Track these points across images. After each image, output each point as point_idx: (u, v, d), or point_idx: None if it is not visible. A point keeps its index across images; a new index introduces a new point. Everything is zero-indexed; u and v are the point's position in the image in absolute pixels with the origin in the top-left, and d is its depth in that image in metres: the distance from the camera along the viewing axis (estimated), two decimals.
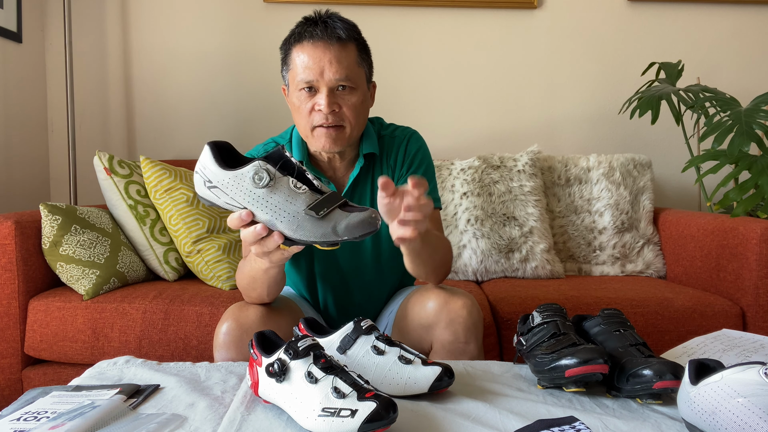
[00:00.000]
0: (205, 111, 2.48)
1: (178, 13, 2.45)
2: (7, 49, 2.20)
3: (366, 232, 0.83)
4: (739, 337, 1.09)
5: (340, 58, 1.15)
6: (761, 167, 1.77)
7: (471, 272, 2.04)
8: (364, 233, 0.83)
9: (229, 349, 1.11)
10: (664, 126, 2.40)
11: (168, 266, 1.87)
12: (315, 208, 0.83)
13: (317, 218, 0.83)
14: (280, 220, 0.85)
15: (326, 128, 1.17)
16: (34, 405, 0.88)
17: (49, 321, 1.62)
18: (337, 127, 1.17)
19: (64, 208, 1.74)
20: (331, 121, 1.16)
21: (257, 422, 0.81)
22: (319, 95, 1.15)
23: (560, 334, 0.95)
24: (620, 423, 0.81)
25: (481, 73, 2.51)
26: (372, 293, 1.34)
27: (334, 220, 0.83)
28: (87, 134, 2.45)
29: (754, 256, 1.65)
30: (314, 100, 1.16)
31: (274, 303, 1.19)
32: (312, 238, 0.84)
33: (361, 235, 0.83)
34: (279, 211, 0.84)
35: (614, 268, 2.13)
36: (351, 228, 0.82)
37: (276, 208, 0.84)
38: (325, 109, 1.14)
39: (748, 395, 0.69)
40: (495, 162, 2.16)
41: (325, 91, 1.15)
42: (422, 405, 0.86)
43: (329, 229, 0.83)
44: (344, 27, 1.16)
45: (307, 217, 0.83)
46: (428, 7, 2.47)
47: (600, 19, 2.50)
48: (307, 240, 0.84)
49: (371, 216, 0.83)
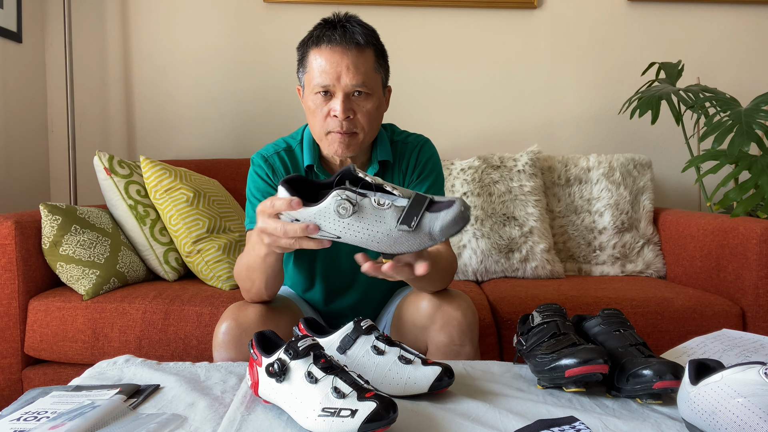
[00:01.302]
0: (205, 111, 2.48)
1: (178, 14, 2.45)
2: (7, 49, 2.20)
3: (461, 227, 0.82)
4: (739, 337, 1.09)
5: (357, 63, 1.13)
6: (761, 167, 1.77)
7: (471, 272, 2.04)
8: (459, 229, 0.82)
9: (228, 349, 1.11)
10: (664, 126, 2.40)
11: (168, 266, 1.87)
12: (405, 221, 0.82)
13: (411, 231, 0.82)
14: (376, 242, 0.83)
15: (340, 134, 1.16)
16: (34, 405, 0.88)
17: (49, 321, 1.62)
18: (350, 133, 1.17)
19: (64, 208, 1.74)
20: (346, 128, 1.15)
21: (257, 422, 0.81)
22: (335, 100, 1.14)
23: (560, 334, 0.95)
24: (620, 423, 0.81)
25: (481, 73, 2.51)
26: (371, 292, 1.34)
27: (428, 226, 0.82)
28: (87, 134, 2.45)
29: (754, 256, 1.65)
30: (329, 105, 1.15)
31: (273, 303, 1.19)
32: (412, 249, 0.84)
33: (456, 232, 0.82)
34: (372, 234, 0.83)
35: (614, 268, 2.13)
36: (446, 228, 0.82)
37: (368, 232, 0.83)
38: (340, 116, 1.14)
39: (748, 395, 0.69)
40: (495, 162, 2.16)
41: (340, 96, 1.14)
42: (422, 405, 0.86)
43: (425, 237, 0.82)
44: (363, 32, 1.15)
45: (401, 233, 0.82)
46: (428, 7, 2.47)
47: (600, 19, 2.50)
48: (408, 251, 0.84)
49: (461, 210, 0.82)
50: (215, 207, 1.94)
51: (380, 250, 0.85)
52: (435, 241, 0.82)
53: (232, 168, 2.25)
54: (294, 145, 1.28)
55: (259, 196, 1.24)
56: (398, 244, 0.83)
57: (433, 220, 0.82)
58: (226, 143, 2.48)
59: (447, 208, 0.82)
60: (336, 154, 1.19)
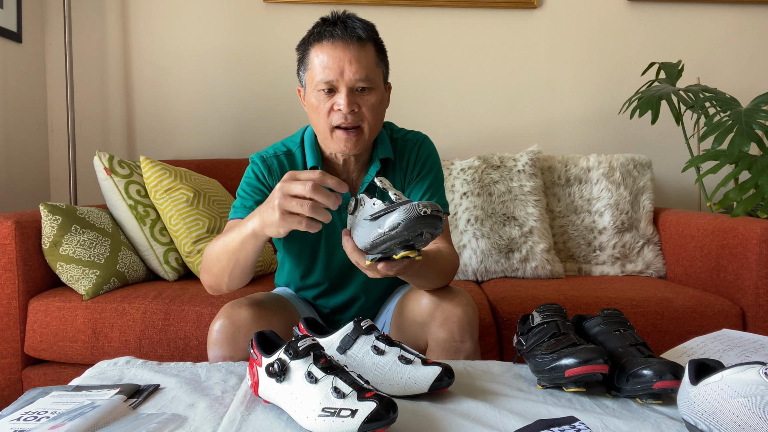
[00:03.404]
0: (205, 111, 2.48)
1: (178, 13, 2.45)
2: (7, 49, 2.20)
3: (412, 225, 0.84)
4: (739, 337, 1.09)
5: (359, 57, 1.14)
6: (761, 167, 1.77)
7: (471, 272, 2.04)
8: (410, 226, 0.84)
9: (222, 347, 1.12)
10: (664, 126, 2.40)
11: (168, 266, 1.87)
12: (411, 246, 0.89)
13: (371, 220, 0.90)
14: (355, 234, 0.95)
15: (346, 131, 1.17)
16: (34, 405, 0.88)
17: (49, 321, 1.62)
18: (356, 129, 1.17)
19: (64, 208, 1.74)
20: (351, 121, 1.15)
21: (257, 422, 0.81)
22: (339, 95, 1.15)
23: (560, 334, 0.95)
24: (620, 423, 0.81)
25: (481, 73, 2.51)
26: (370, 290, 1.34)
27: (385, 220, 0.87)
28: (87, 134, 2.45)
29: (754, 256, 1.65)
30: (333, 100, 1.15)
31: (268, 301, 1.19)
32: (367, 239, 0.91)
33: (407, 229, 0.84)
34: (353, 226, 0.95)
35: (614, 268, 2.13)
36: (395, 225, 0.85)
37: (354, 225, 0.95)
38: (345, 109, 1.14)
39: (748, 395, 0.69)
40: (495, 162, 2.16)
41: (344, 90, 1.14)
42: (422, 405, 0.86)
43: (377, 228, 0.88)
44: (363, 27, 1.16)
45: (363, 222, 0.92)
46: (428, 7, 2.47)
47: (600, 19, 2.50)
48: (365, 241, 0.92)
49: (412, 214, 0.84)
50: (215, 207, 1.95)
51: (357, 242, 0.93)
52: (385, 235, 0.86)
53: (232, 168, 2.25)
54: (294, 149, 1.28)
55: (249, 191, 1.24)
56: (355, 232, 0.94)
57: (389, 216, 0.86)
58: (226, 143, 2.48)
59: (404, 205, 0.86)
60: (342, 151, 1.19)
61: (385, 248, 0.89)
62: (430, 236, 0.88)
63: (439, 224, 0.86)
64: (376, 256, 0.92)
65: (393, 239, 0.86)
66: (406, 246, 0.88)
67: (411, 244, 0.88)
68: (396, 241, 0.86)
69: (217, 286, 1.16)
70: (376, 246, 0.89)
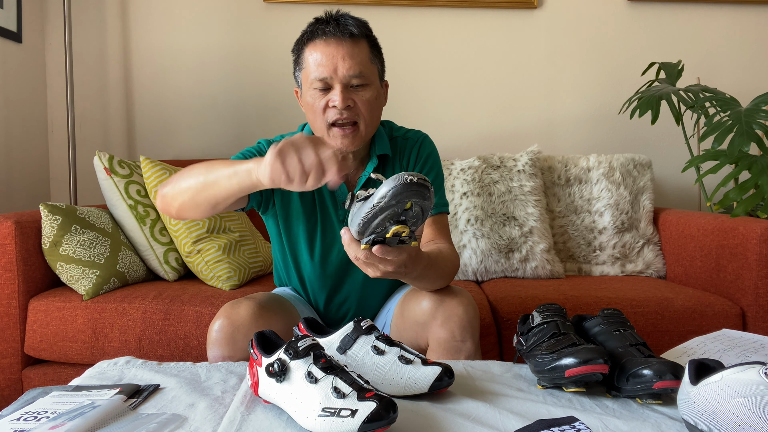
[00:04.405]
0: (205, 111, 2.48)
1: (178, 13, 2.45)
2: (7, 49, 2.20)
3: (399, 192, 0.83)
4: (739, 337, 1.09)
5: (353, 53, 1.15)
6: (761, 167, 1.77)
7: (471, 272, 2.04)
8: (397, 193, 0.83)
9: (221, 346, 1.12)
10: (664, 126, 2.40)
11: (168, 266, 1.87)
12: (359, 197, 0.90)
13: (361, 200, 0.91)
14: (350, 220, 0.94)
15: (342, 129, 1.17)
16: (34, 405, 0.88)
17: (49, 321, 1.62)
18: (352, 125, 1.18)
19: (64, 208, 1.74)
20: (346, 117, 1.16)
21: (257, 422, 0.81)
22: (333, 92, 1.16)
23: (560, 334, 0.95)
24: (620, 423, 0.81)
25: (481, 73, 2.51)
26: (369, 290, 1.34)
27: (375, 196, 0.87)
28: (87, 134, 2.45)
29: (754, 256, 1.65)
30: (328, 97, 1.16)
31: (267, 302, 1.19)
32: (359, 219, 0.89)
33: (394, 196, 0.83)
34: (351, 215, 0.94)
35: (614, 268, 2.13)
36: (384, 195, 0.84)
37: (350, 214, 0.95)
38: (340, 105, 1.15)
39: (748, 395, 0.69)
40: (495, 162, 2.16)
41: (339, 87, 1.15)
42: (422, 405, 0.86)
43: (368, 204, 0.88)
44: (356, 24, 1.17)
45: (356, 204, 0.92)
46: (428, 7, 2.47)
47: (600, 19, 2.50)
48: (359, 221, 0.90)
49: (397, 184, 0.83)
50: None
51: (352, 229, 0.92)
52: (375, 207, 0.85)
53: None
54: None
55: (248, 154, 1.23)
56: (351, 223, 0.92)
57: (378, 190, 0.86)
58: (226, 143, 2.48)
59: (391, 176, 0.86)
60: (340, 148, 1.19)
61: (377, 225, 0.87)
62: (420, 210, 0.87)
63: (427, 193, 0.84)
64: (370, 238, 0.90)
65: (383, 211, 0.85)
66: (397, 221, 0.87)
67: (402, 220, 0.87)
68: (386, 214, 0.85)
69: (171, 200, 1.10)
70: (367, 224, 0.87)
